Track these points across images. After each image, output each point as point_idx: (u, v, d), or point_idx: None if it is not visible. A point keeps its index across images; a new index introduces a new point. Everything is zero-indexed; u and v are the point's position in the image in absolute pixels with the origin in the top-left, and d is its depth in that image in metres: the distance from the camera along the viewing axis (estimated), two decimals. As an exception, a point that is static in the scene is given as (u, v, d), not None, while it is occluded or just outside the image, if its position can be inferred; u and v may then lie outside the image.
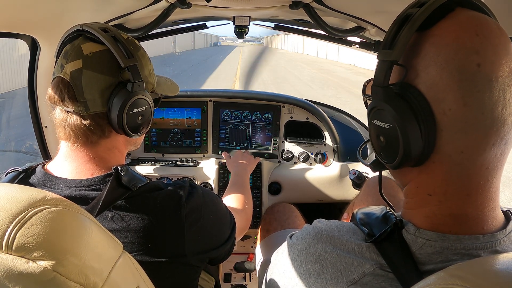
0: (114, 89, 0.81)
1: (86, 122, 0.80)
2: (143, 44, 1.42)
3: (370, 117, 0.60)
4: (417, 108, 0.52)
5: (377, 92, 0.56)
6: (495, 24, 0.53)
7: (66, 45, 0.83)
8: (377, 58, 0.57)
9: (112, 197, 0.76)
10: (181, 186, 0.86)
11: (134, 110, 0.83)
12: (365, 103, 0.74)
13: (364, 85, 0.81)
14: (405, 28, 0.52)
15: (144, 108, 0.86)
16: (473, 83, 0.50)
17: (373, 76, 0.61)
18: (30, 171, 0.84)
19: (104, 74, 0.80)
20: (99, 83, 0.79)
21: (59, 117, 0.82)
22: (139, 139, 0.99)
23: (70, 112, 0.81)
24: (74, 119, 0.80)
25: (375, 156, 0.64)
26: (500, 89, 0.50)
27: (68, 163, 0.83)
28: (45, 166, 0.85)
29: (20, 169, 0.84)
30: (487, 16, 0.54)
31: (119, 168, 0.80)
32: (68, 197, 0.67)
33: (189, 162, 1.85)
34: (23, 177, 0.82)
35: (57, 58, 0.84)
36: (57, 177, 0.81)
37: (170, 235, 0.80)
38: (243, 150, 1.80)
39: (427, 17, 0.52)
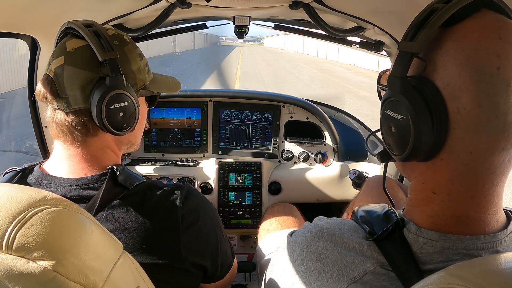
0: (95, 85, 0.79)
1: (69, 118, 0.80)
2: (143, 44, 1.42)
3: (383, 107, 0.60)
4: (432, 103, 0.52)
5: (394, 82, 0.56)
6: None
7: (58, 44, 0.84)
8: (398, 48, 0.57)
9: (109, 196, 0.76)
10: (179, 187, 0.85)
11: (113, 106, 0.79)
12: (379, 92, 0.74)
13: (379, 74, 0.81)
14: (430, 22, 0.52)
15: (125, 103, 0.82)
16: (491, 85, 0.50)
17: (374, 75, 0.61)
18: (28, 170, 0.84)
19: (85, 69, 0.79)
20: (80, 78, 0.79)
21: (49, 115, 0.83)
22: (133, 138, 0.95)
23: (56, 109, 0.81)
24: (59, 116, 0.81)
25: (384, 147, 0.64)
26: None
27: (62, 162, 0.83)
28: (42, 166, 0.85)
29: (18, 168, 0.85)
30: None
31: (115, 168, 0.80)
32: (64, 196, 0.67)
33: (189, 162, 1.85)
34: (21, 177, 0.83)
35: None
36: (53, 176, 0.81)
37: (165, 236, 0.79)
38: None
39: (453, 13, 0.52)
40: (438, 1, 0.54)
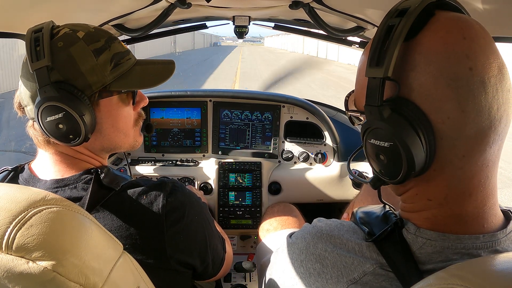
0: (36, 97, 0.77)
1: (32, 128, 0.82)
2: (144, 44, 1.42)
3: (366, 136, 0.57)
4: (415, 122, 0.51)
5: (372, 111, 0.54)
6: (477, 24, 0.53)
7: None
8: (366, 75, 0.54)
9: (94, 199, 0.76)
10: (163, 183, 0.82)
11: (48, 119, 0.75)
12: (350, 118, 0.68)
13: (345, 99, 0.74)
14: (391, 42, 0.51)
15: (60, 115, 0.74)
16: (468, 88, 0.50)
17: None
18: (20, 169, 0.86)
19: (30, 80, 0.77)
20: (28, 90, 0.78)
21: None
22: (108, 144, 0.86)
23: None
24: (29, 123, 0.83)
25: (374, 173, 0.61)
26: (493, 89, 0.50)
27: (44, 163, 0.84)
28: (30, 165, 0.86)
29: (9, 168, 0.86)
30: (466, 15, 0.54)
31: (99, 170, 0.80)
32: None
33: (189, 162, 1.85)
34: (13, 176, 0.84)
35: None
36: (37, 177, 0.82)
37: (148, 234, 0.78)
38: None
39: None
40: (390, 15, 0.53)
